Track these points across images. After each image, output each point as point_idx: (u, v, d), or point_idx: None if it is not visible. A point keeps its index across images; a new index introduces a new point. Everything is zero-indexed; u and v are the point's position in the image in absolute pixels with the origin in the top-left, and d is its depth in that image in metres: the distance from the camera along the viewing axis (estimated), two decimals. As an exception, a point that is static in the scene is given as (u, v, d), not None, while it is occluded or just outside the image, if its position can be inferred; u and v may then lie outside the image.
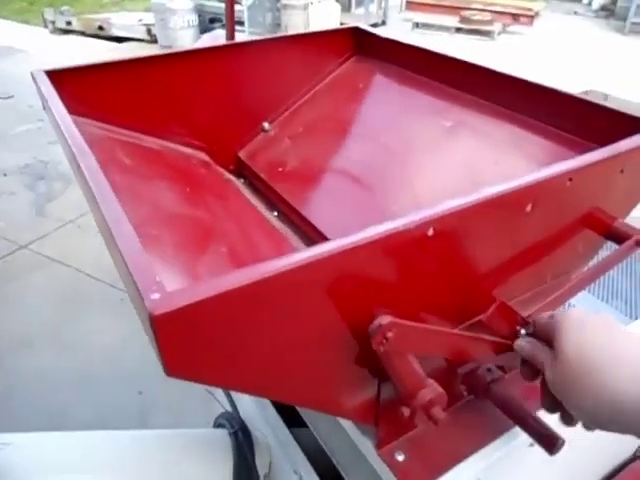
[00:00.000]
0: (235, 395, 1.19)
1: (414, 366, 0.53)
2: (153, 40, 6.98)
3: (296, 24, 6.79)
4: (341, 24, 7.59)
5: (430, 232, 0.49)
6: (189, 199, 0.80)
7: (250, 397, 1.13)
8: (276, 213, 1.05)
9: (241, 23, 6.78)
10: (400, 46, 1.16)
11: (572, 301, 0.78)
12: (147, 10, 7.66)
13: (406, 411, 0.55)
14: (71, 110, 0.78)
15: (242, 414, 1.15)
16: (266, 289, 0.41)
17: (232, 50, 1.14)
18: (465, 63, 1.03)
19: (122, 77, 0.99)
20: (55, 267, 3.04)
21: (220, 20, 7.36)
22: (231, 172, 1.19)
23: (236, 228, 0.81)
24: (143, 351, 2.42)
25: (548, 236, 0.65)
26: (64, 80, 0.90)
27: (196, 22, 6.78)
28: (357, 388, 0.59)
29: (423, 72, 1.10)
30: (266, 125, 1.19)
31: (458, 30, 7.70)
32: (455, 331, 0.57)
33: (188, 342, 0.40)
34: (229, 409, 1.19)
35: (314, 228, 0.90)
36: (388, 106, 1.11)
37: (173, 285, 0.40)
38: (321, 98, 1.20)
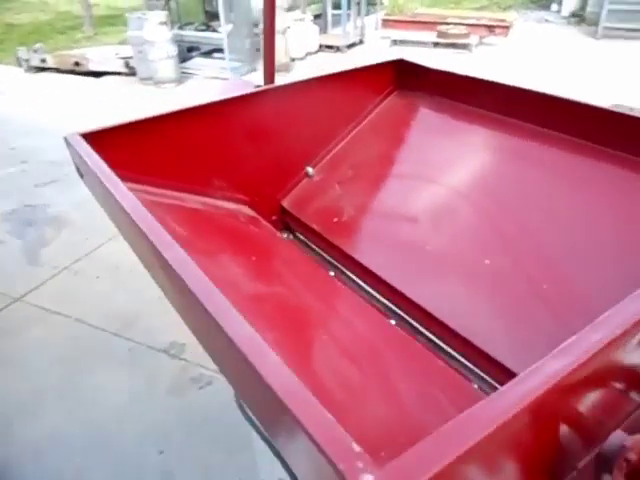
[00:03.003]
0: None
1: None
2: (131, 73, 6.88)
3: (275, 48, 6.75)
4: (320, 45, 7.61)
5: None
6: (263, 274, 0.70)
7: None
8: (333, 273, 0.94)
9: (220, 50, 6.74)
10: (448, 76, 1.08)
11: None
12: (122, 43, 7.57)
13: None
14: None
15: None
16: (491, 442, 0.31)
17: (268, 95, 1.05)
18: (527, 91, 0.95)
19: (158, 134, 0.90)
20: (54, 319, 2.87)
21: (198, 49, 7.33)
22: (273, 223, 1.09)
23: (330, 312, 0.71)
24: (159, 405, 2.27)
25: None
26: (101, 142, 0.79)
27: (175, 52, 6.69)
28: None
29: (481, 105, 1.02)
30: (310, 170, 1.10)
31: (436, 45, 7.77)
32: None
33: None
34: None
35: (415, 305, 0.79)
36: (444, 143, 1.03)
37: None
38: (365, 138, 1.11)
